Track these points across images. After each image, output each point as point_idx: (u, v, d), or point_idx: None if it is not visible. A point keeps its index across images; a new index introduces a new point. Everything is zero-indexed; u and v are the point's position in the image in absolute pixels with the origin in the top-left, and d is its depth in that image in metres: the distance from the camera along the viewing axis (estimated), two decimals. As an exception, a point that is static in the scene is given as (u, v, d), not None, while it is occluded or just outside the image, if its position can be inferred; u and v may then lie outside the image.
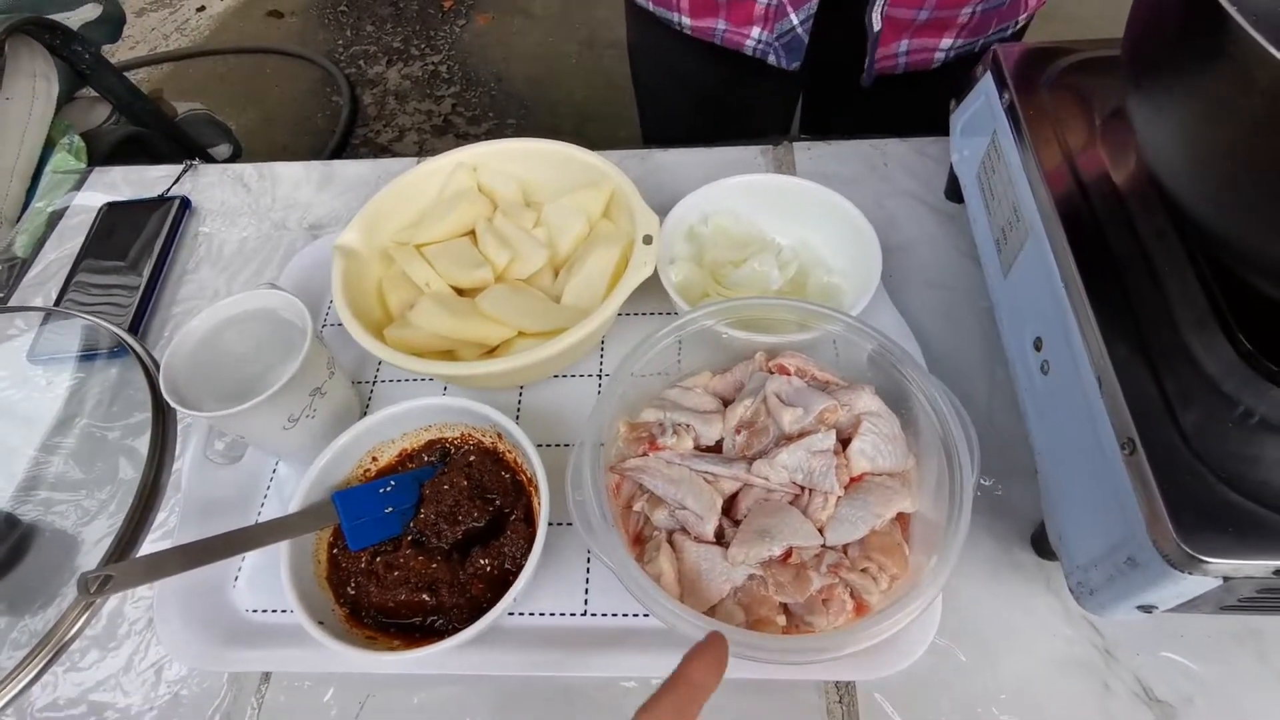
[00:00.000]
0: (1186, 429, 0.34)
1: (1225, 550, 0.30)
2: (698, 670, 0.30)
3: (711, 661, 0.30)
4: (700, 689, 0.29)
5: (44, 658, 0.45)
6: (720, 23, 0.69)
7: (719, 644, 0.31)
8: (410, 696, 0.44)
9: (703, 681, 0.29)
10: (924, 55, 0.68)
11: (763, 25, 0.67)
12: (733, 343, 0.49)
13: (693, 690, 0.29)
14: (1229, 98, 0.28)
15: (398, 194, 0.56)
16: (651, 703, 0.29)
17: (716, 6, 0.68)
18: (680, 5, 0.69)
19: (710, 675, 0.30)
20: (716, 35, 0.70)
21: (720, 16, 0.68)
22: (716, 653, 0.31)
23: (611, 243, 0.52)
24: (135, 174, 0.74)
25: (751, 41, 0.69)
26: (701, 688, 0.29)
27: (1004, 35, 0.70)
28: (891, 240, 0.59)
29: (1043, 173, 0.45)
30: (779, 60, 0.68)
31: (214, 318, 0.48)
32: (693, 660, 0.30)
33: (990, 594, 0.44)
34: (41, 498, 0.52)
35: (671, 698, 0.29)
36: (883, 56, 0.67)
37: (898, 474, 0.42)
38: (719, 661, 0.31)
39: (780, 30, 0.66)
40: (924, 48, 0.68)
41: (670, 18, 0.71)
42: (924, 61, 0.69)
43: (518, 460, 0.48)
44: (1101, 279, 0.39)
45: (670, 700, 0.29)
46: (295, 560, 0.43)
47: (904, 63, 0.69)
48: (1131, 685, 0.41)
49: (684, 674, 0.30)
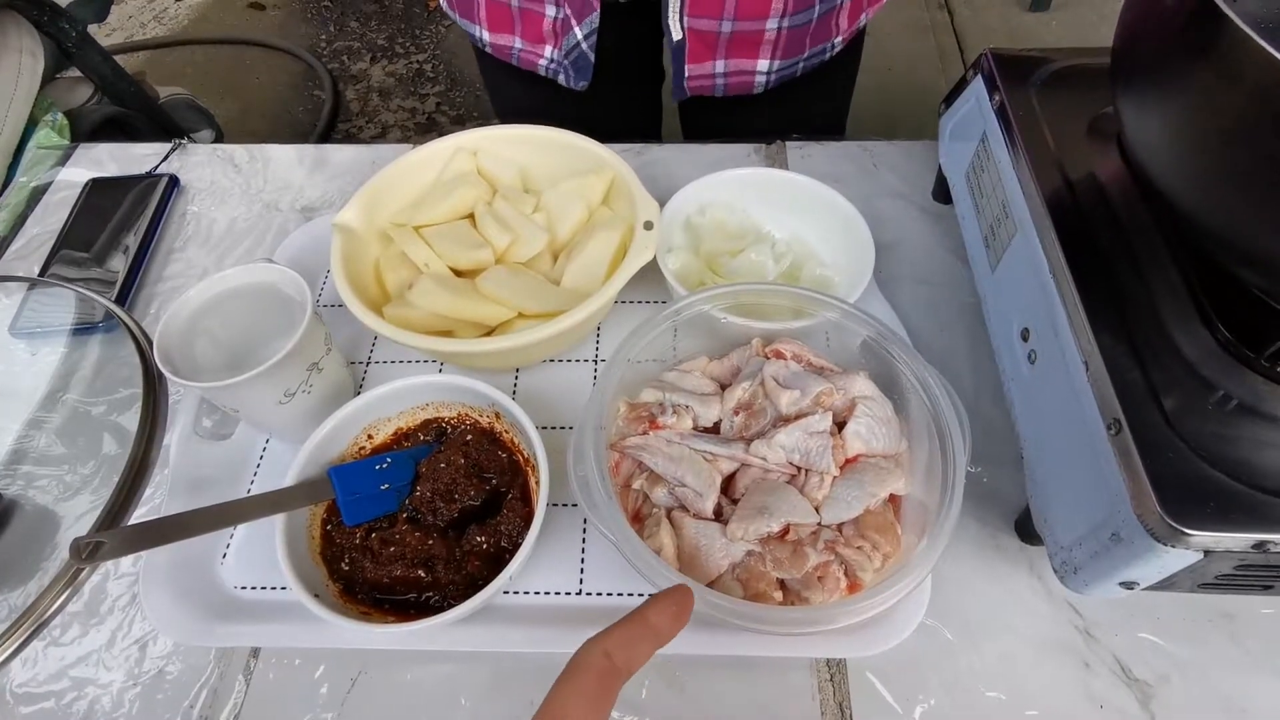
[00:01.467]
0: (1169, 411, 0.35)
1: (1206, 523, 0.32)
2: (656, 614, 0.30)
3: (672, 608, 0.30)
4: (656, 632, 0.30)
5: (24, 632, 0.44)
6: (516, 40, 0.67)
7: (684, 595, 0.31)
8: (402, 674, 0.44)
9: (659, 626, 0.30)
10: (744, 78, 0.69)
11: (553, 43, 0.65)
12: (728, 329, 0.50)
13: (648, 630, 0.29)
14: (1217, 91, 0.30)
15: (397, 175, 0.56)
16: (603, 634, 0.29)
17: (511, 20, 0.66)
18: (479, 16, 0.67)
19: (669, 622, 0.30)
20: (514, 55, 0.68)
21: (516, 33, 0.66)
22: (680, 601, 0.31)
23: (612, 228, 0.52)
24: (121, 151, 0.73)
25: (544, 61, 0.67)
26: (657, 632, 0.30)
27: (822, 58, 0.71)
28: (880, 238, 0.60)
29: (1032, 171, 0.46)
30: (568, 80, 0.67)
31: (210, 290, 0.47)
32: (654, 604, 0.31)
33: (976, 577, 0.46)
34: (23, 472, 0.51)
35: (624, 632, 0.29)
36: (698, 75, 0.67)
37: (891, 456, 0.43)
38: (681, 611, 0.31)
39: (567, 47, 0.65)
40: (742, 70, 0.68)
41: (472, 31, 0.68)
42: (744, 84, 0.69)
43: (515, 440, 0.48)
44: (1088, 271, 0.41)
45: (623, 633, 0.29)
46: (289, 534, 0.42)
47: (722, 84, 0.69)
48: (1110, 664, 0.42)
49: (643, 615, 0.30)
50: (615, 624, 0.30)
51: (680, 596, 0.31)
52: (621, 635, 0.29)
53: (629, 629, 0.29)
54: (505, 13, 0.65)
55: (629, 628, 0.29)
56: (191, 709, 0.42)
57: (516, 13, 0.65)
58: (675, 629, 0.30)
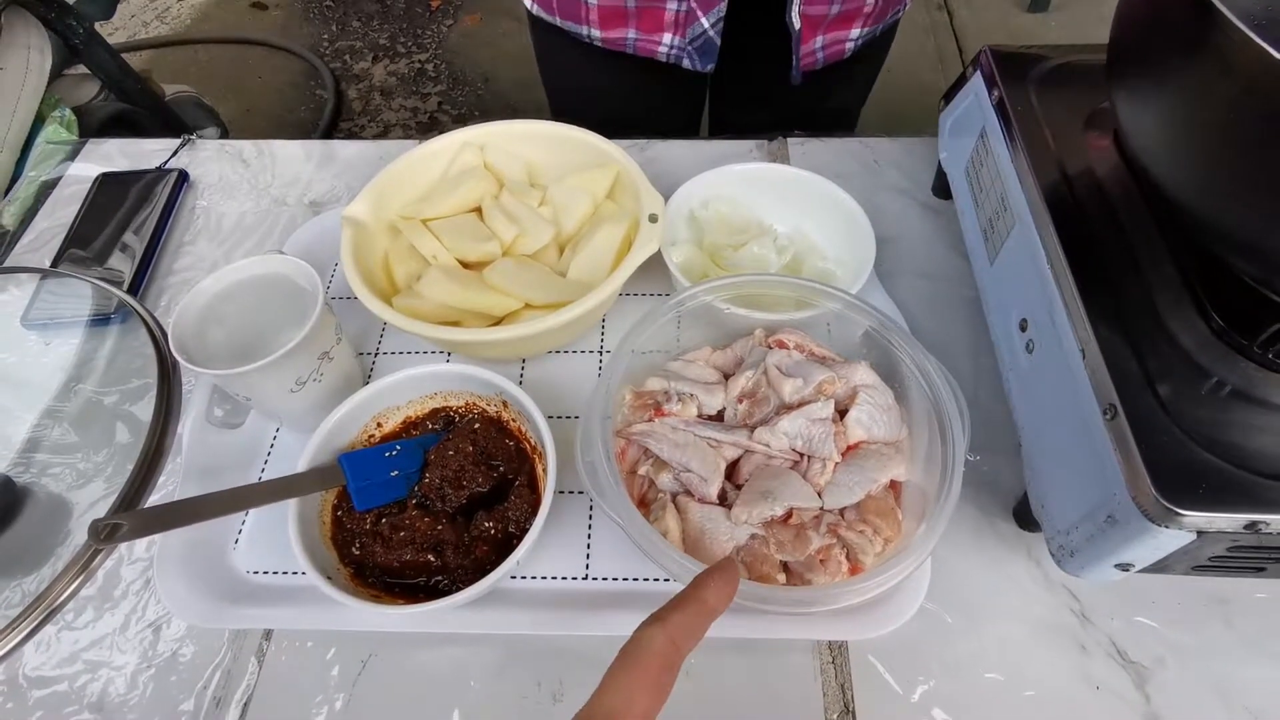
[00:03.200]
0: (1163, 396, 0.36)
1: (1199, 504, 0.33)
2: (711, 591, 0.30)
3: (723, 584, 0.30)
4: (711, 609, 0.29)
5: (39, 616, 0.44)
6: (631, 32, 0.70)
7: (731, 568, 0.31)
8: (412, 657, 0.44)
9: (714, 603, 0.29)
10: (837, 47, 0.73)
11: (674, 31, 0.69)
12: (731, 320, 0.51)
13: (705, 609, 0.29)
14: (1210, 85, 0.31)
15: (405, 169, 0.57)
16: (663, 613, 0.28)
17: (626, 16, 0.69)
18: (589, 18, 0.70)
19: (721, 598, 0.30)
20: (628, 45, 0.71)
21: (631, 26, 0.70)
22: (728, 576, 0.31)
23: (617, 221, 0.53)
24: (131, 146, 0.74)
25: (664, 48, 0.70)
26: (712, 609, 0.29)
27: (897, 18, 0.77)
28: (881, 233, 0.61)
29: (1030, 164, 0.47)
30: (693, 64, 0.70)
31: (224, 280, 0.48)
32: (707, 581, 0.30)
33: (975, 562, 0.46)
34: (37, 460, 0.52)
35: (684, 615, 0.28)
36: (805, 55, 0.71)
37: (892, 443, 0.44)
38: (730, 585, 0.30)
39: (692, 34, 0.68)
40: (836, 40, 0.72)
41: (579, 30, 0.72)
42: (837, 53, 0.73)
43: (522, 428, 0.49)
44: (1085, 261, 0.42)
45: (683, 616, 0.28)
46: (302, 520, 0.43)
47: (821, 57, 0.73)
48: (1107, 647, 0.43)
49: (699, 595, 0.29)
50: (671, 605, 0.29)
51: (730, 572, 0.31)
52: (682, 618, 0.28)
53: (688, 611, 0.28)
54: (619, 12, 0.69)
55: (688, 609, 0.29)
56: (205, 690, 0.43)
57: (633, 12, 0.68)
58: (726, 603, 0.30)
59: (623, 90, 0.78)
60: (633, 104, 0.79)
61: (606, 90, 0.79)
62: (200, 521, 0.39)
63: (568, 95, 0.85)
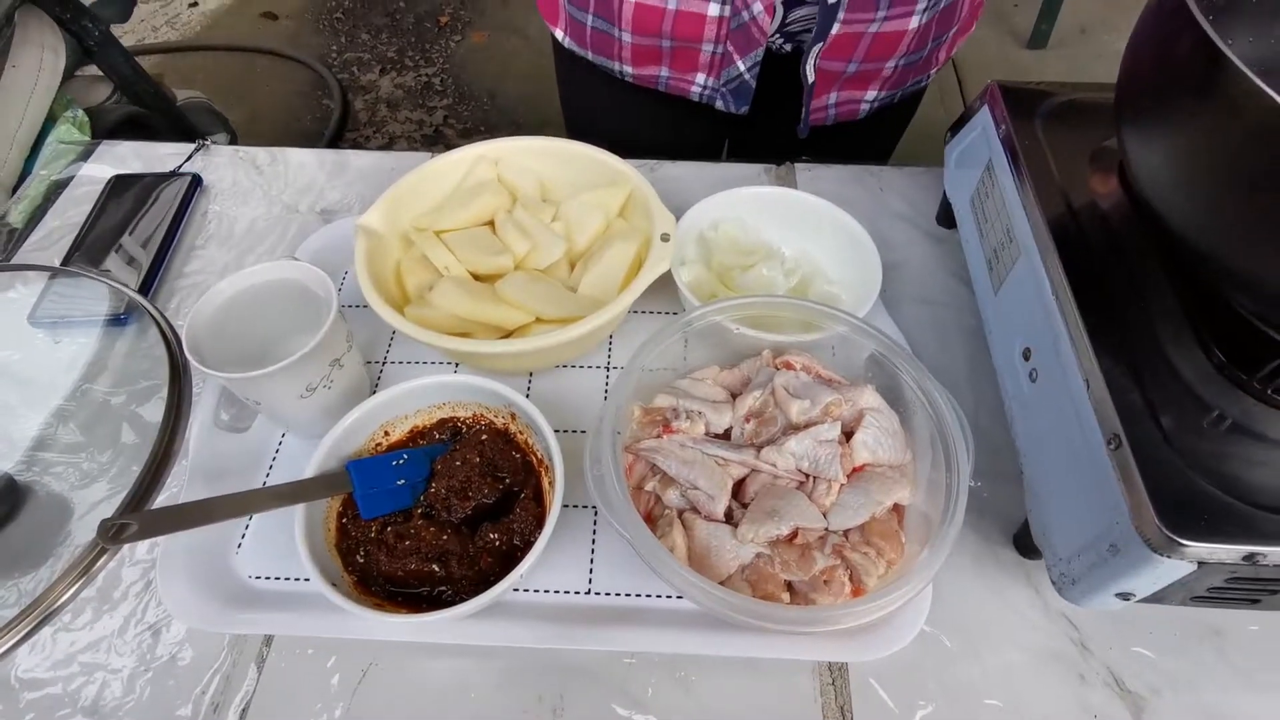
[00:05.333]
0: (1166, 428, 0.37)
1: (1201, 535, 0.33)
2: None
3: None
4: None
5: (36, 618, 0.44)
6: (664, 70, 0.71)
7: None
8: (413, 666, 0.44)
9: None
10: (851, 106, 0.73)
11: (708, 72, 0.70)
12: (739, 340, 0.51)
13: None
14: (1218, 126, 0.32)
15: (420, 181, 0.57)
16: None
17: (660, 55, 0.70)
18: (622, 55, 0.71)
19: None
20: (660, 83, 0.72)
21: (664, 65, 0.71)
22: None
23: (629, 239, 0.54)
24: (145, 149, 0.74)
25: (697, 88, 0.72)
26: None
27: (919, 86, 0.77)
28: (885, 259, 0.62)
29: (1036, 197, 0.48)
30: (726, 105, 0.71)
31: (239, 284, 0.49)
32: None
33: (975, 588, 0.47)
34: (40, 459, 0.51)
35: None
36: (815, 108, 0.71)
37: (897, 466, 0.45)
38: None
39: (728, 77, 0.69)
40: (851, 99, 0.72)
41: (610, 65, 0.73)
42: (851, 112, 0.74)
43: (529, 441, 0.49)
44: (1090, 294, 0.43)
45: None
46: (308, 526, 0.43)
47: (833, 114, 0.73)
48: (1105, 677, 0.43)
49: None
50: None
51: None
52: None
53: None
54: (654, 52, 0.70)
55: None
56: (203, 695, 0.43)
57: (667, 52, 0.69)
58: None
59: (649, 122, 0.79)
60: (657, 134, 0.79)
61: (632, 121, 0.79)
62: (209, 524, 0.39)
63: (589, 122, 0.85)
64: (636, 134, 0.79)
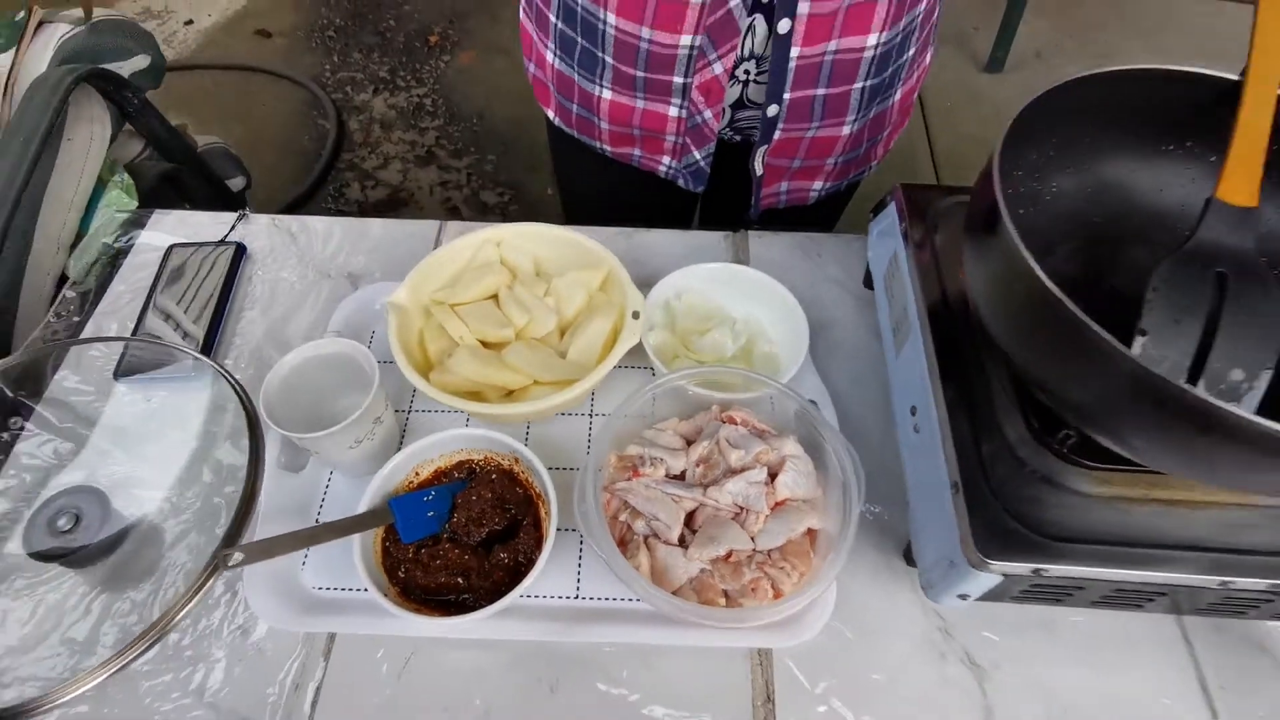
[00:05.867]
0: (991, 478, 0.51)
1: (1003, 556, 0.48)
2: None
3: None
4: None
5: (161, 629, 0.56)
6: (636, 151, 0.86)
7: None
8: (443, 656, 0.58)
9: None
10: (800, 194, 0.88)
11: (672, 156, 0.84)
12: (695, 397, 0.65)
13: None
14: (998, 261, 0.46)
15: (436, 262, 0.71)
16: None
17: (632, 140, 0.84)
18: (601, 137, 0.86)
19: None
20: (634, 160, 0.87)
21: (636, 146, 0.85)
22: None
23: (606, 314, 0.68)
24: (192, 219, 0.86)
25: (663, 168, 0.86)
26: None
27: (862, 176, 0.92)
28: (820, 317, 0.76)
29: (921, 286, 0.63)
30: (687, 184, 0.86)
31: (299, 357, 0.62)
32: None
33: (873, 590, 0.61)
34: (136, 496, 0.64)
35: None
36: (767, 195, 0.86)
37: (809, 500, 0.59)
38: None
39: (687, 162, 0.83)
40: (800, 188, 0.88)
41: (593, 144, 0.87)
42: (801, 199, 0.89)
43: (529, 479, 0.63)
44: (950, 370, 0.57)
45: None
46: (363, 549, 0.57)
47: (785, 199, 0.88)
48: (960, 655, 0.58)
49: None
50: None
51: None
52: None
53: None
54: (628, 138, 0.84)
55: None
56: (285, 679, 0.56)
57: (638, 138, 0.83)
58: None
59: (629, 189, 0.92)
60: (636, 199, 0.93)
61: (615, 188, 0.93)
62: (295, 550, 0.53)
63: (579, 188, 1.00)
64: (619, 198, 0.93)
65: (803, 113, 0.75)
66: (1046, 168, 0.57)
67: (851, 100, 0.75)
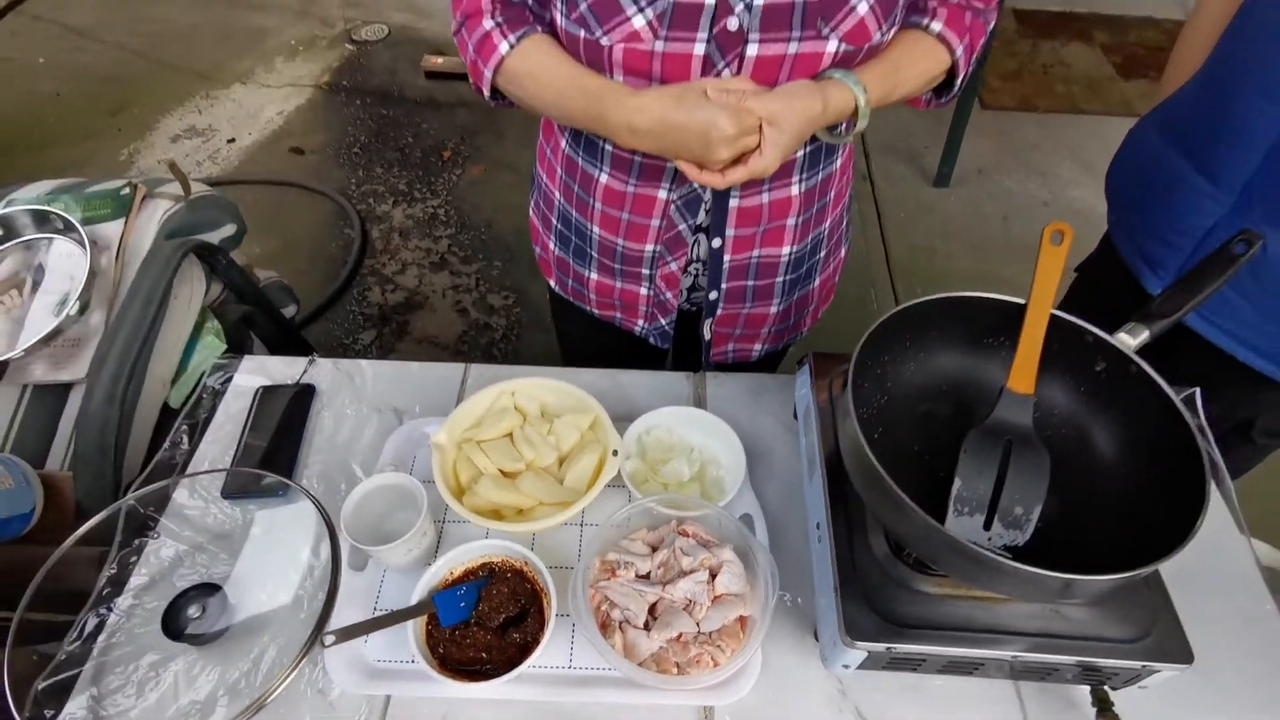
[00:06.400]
0: (864, 582, 0.74)
1: (864, 639, 0.70)
2: None
3: None
4: None
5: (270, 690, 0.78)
6: (617, 315, 1.12)
7: None
8: (470, 713, 0.79)
9: None
10: (744, 354, 1.15)
11: (645, 320, 1.10)
12: (659, 514, 0.87)
13: None
14: (850, 445, 0.70)
15: (466, 408, 0.94)
16: None
17: (614, 307, 1.10)
18: (590, 303, 1.12)
19: None
20: (616, 321, 1.13)
21: (617, 312, 1.11)
22: None
23: (594, 450, 0.91)
24: (270, 364, 1.11)
25: (638, 328, 1.12)
26: None
27: (795, 340, 1.18)
28: (759, 446, 0.99)
29: (820, 435, 0.86)
30: (656, 342, 1.12)
31: (367, 486, 0.84)
32: None
33: (791, 661, 0.82)
34: (237, 590, 0.86)
35: None
36: (717, 353, 1.13)
37: (741, 595, 0.81)
38: None
39: (655, 326, 1.09)
40: (743, 349, 1.14)
41: (584, 308, 1.14)
42: (744, 357, 1.15)
43: (535, 576, 0.85)
44: (838, 499, 0.80)
45: None
46: (415, 631, 0.78)
47: (731, 357, 1.15)
48: (853, 709, 0.79)
49: None
50: None
51: None
52: None
53: None
54: (610, 305, 1.09)
55: None
56: (355, 731, 0.77)
57: (618, 307, 1.09)
58: None
59: (611, 342, 1.18)
60: (617, 349, 1.18)
61: (600, 340, 1.18)
62: (372, 632, 0.74)
63: (573, 339, 1.26)
64: (605, 348, 1.18)
65: (737, 297, 1.00)
66: (903, 356, 0.82)
67: (775, 288, 1.01)
